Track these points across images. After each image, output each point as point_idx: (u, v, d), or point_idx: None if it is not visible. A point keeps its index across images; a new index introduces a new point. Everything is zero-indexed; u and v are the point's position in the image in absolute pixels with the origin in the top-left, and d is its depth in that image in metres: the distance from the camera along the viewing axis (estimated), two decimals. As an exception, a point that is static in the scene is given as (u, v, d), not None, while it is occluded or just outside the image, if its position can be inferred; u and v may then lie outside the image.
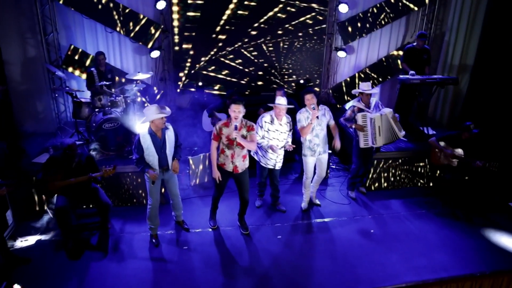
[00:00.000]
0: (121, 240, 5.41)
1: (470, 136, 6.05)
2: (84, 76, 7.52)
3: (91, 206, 5.89)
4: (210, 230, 5.67)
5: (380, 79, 8.94)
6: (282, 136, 5.58)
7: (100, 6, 7.29)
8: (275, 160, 5.73)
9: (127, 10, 7.46)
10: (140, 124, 5.10)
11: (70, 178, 5.02)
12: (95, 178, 5.10)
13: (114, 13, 7.40)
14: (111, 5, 7.34)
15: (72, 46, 7.43)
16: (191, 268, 4.95)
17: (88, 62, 7.52)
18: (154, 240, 5.33)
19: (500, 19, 7.43)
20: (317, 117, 5.50)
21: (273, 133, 5.54)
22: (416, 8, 8.55)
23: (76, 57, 7.47)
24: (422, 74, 7.21)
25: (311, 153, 5.79)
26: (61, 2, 7.12)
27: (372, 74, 8.92)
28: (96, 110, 6.47)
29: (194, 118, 7.44)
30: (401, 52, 8.77)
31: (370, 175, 6.86)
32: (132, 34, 7.60)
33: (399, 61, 8.82)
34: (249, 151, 5.44)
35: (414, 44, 7.47)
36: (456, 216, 6.18)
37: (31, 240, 5.36)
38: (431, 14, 8.72)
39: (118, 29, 7.52)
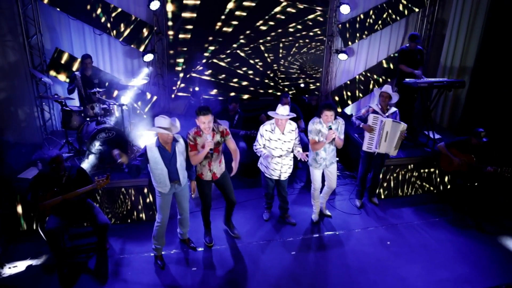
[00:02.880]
0: (122, 263, 4.93)
1: (479, 143, 5.87)
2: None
3: (85, 224, 5.38)
4: (217, 247, 5.27)
5: (381, 82, 8.70)
6: (286, 146, 5.23)
7: (88, 6, 6.76)
8: (279, 171, 5.37)
9: (117, 11, 6.94)
10: (147, 134, 4.65)
11: (60, 195, 4.52)
12: (88, 192, 4.61)
13: (104, 13, 6.88)
14: (100, 5, 6.82)
15: (57, 50, 6.87)
16: (203, 292, 4.54)
17: (75, 67, 6.97)
18: (159, 262, 4.88)
19: (501, 21, 7.29)
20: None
21: (275, 143, 5.20)
22: (416, 9, 8.36)
23: (63, 61, 6.91)
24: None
25: (318, 165, 5.47)
26: (45, 1, 6.56)
27: (374, 77, 8.67)
28: (88, 119, 5.95)
29: (191, 125, 6.99)
30: (397, 54, 8.61)
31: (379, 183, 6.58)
32: (123, 37, 7.10)
33: (391, 64, 8.66)
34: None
35: (407, 45, 7.25)
36: (466, 224, 5.98)
37: (20, 266, 4.82)
38: (431, 16, 8.55)
39: (107, 31, 7.00)
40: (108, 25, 6.95)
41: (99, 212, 4.83)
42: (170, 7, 7.18)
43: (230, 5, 7.45)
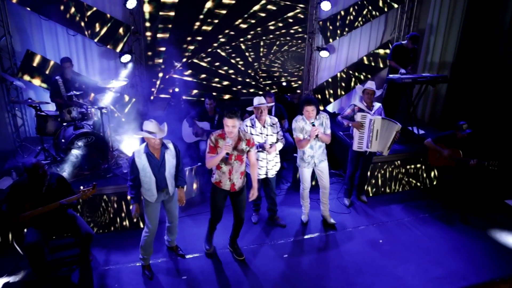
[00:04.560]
0: (108, 275, 4.65)
1: (463, 136, 5.88)
2: (44, 85, 6.64)
3: (65, 234, 5.05)
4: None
5: (361, 78, 8.67)
6: (270, 140, 5.10)
7: (61, 6, 6.43)
8: (266, 168, 5.23)
9: (92, 10, 6.64)
10: (133, 138, 4.41)
11: (40, 206, 4.21)
12: (70, 202, 4.32)
13: (77, 13, 6.56)
14: (74, 4, 6.50)
15: (29, 52, 6.51)
16: (195, 302, 4.32)
17: (48, 70, 6.62)
18: (147, 272, 4.62)
19: (479, 15, 7.34)
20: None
21: (257, 137, 5.05)
22: (395, 5, 8.37)
23: (35, 64, 6.55)
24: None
25: (305, 165, 5.34)
26: (14, 1, 6.20)
27: (355, 74, 8.64)
28: (65, 124, 5.64)
29: (171, 127, 6.73)
30: (380, 51, 8.63)
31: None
32: (98, 37, 6.79)
33: (379, 59, 8.66)
34: None
35: (403, 42, 7.25)
36: (456, 219, 5.97)
37: (-3, 283, 4.50)
38: (410, 12, 8.58)
39: (82, 31, 6.68)
40: (83, 25, 6.64)
41: (82, 222, 4.54)
42: (147, 7, 6.93)
43: (209, 3, 7.25)
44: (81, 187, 4.37)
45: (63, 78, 5.97)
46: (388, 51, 8.49)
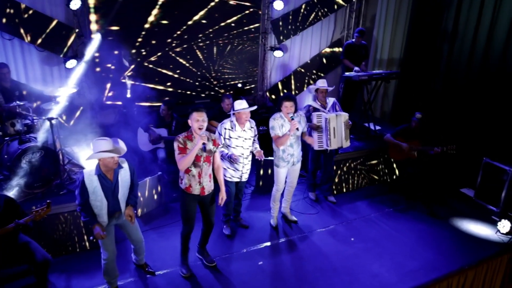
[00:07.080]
0: (71, 303, 4.22)
1: (415, 122, 6.10)
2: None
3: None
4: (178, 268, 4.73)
5: (314, 77, 8.71)
6: (247, 143, 5.00)
7: (-8, 7, 5.81)
8: (241, 172, 5.10)
9: (30, 12, 6.04)
10: (86, 161, 4.00)
11: None
12: (24, 226, 3.83)
13: (14, 15, 5.94)
14: (9, 5, 5.88)
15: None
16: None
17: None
18: (115, 295, 4.25)
19: (425, 12, 7.59)
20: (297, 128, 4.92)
21: (235, 141, 4.92)
22: (344, 4, 8.48)
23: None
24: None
25: (284, 164, 5.22)
26: None
27: (308, 73, 8.66)
28: (7, 138, 5.07)
29: (124, 136, 6.32)
30: (331, 49, 8.73)
31: (330, 179, 6.51)
32: (39, 41, 6.21)
33: (331, 58, 8.75)
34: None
35: (353, 40, 7.39)
36: (420, 211, 6.15)
37: None
38: (358, 10, 8.74)
39: (19, 35, 6.07)
40: (20, 28, 6.02)
41: (37, 248, 4.05)
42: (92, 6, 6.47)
43: (160, 3, 6.90)
44: (34, 207, 3.90)
45: (1, 87, 5.37)
46: (338, 49, 8.65)
